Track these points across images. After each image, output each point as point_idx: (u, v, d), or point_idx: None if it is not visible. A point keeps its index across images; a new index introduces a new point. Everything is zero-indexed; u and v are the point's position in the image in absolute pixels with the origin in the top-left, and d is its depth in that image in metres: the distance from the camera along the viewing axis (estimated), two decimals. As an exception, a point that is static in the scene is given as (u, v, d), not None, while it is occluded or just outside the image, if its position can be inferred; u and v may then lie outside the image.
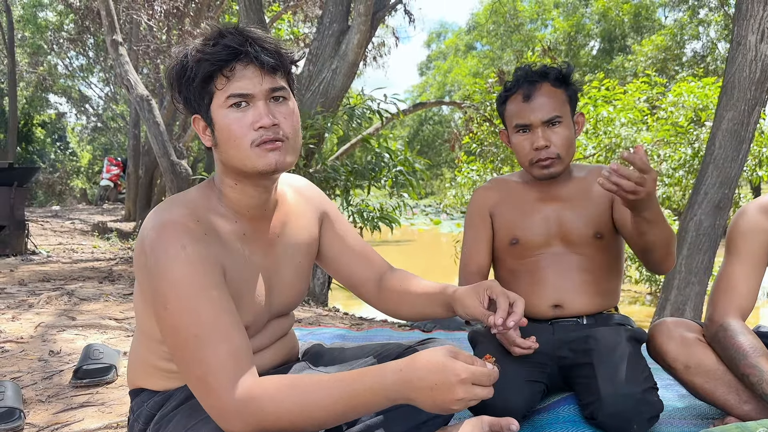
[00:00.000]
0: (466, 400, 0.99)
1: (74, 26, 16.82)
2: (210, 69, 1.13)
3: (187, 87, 1.18)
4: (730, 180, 3.44)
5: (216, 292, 1.09)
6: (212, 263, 1.11)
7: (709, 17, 22.54)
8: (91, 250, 7.61)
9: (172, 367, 1.22)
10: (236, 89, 1.14)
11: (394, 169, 5.08)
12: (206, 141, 1.21)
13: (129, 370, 1.34)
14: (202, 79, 1.14)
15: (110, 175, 18.11)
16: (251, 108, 1.15)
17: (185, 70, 1.16)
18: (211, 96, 1.16)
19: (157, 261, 1.09)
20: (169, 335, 1.09)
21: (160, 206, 1.19)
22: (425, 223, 21.57)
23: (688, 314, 3.48)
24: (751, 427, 1.21)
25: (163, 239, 1.09)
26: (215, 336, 1.06)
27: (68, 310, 3.55)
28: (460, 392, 0.97)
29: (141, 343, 1.29)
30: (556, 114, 1.74)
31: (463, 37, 36.23)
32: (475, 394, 0.98)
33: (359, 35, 5.06)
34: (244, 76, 1.14)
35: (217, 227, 1.18)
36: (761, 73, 3.30)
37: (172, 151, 6.65)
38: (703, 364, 1.54)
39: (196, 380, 1.07)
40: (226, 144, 1.17)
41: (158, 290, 1.09)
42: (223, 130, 1.16)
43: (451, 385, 0.98)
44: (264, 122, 1.14)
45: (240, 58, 1.14)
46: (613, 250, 1.83)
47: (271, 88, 1.16)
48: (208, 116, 1.17)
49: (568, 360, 1.70)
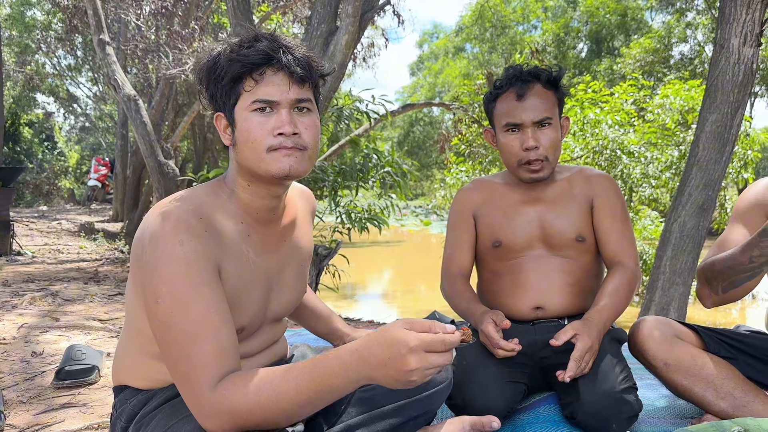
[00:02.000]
0: (422, 369, 0.96)
1: (62, 25, 16.70)
2: (240, 70, 1.15)
3: (215, 84, 1.19)
4: (714, 182, 3.47)
5: (208, 289, 1.09)
6: (208, 261, 1.11)
7: (696, 20, 22.73)
8: (78, 251, 7.56)
9: (158, 366, 1.22)
10: (263, 94, 1.15)
11: (381, 170, 5.08)
12: (225, 140, 1.22)
13: (114, 365, 1.34)
14: (231, 79, 1.16)
15: (98, 175, 18.01)
16: (274, 114, 1.16)
17: (216, 68, 1.17)
18: (238, 97, 1.17)
19: (153, 254, 1.09)
20: (158, 330, 1.09)
21: (166, 199, 1.20)
22: (415, 224, 21.59)
23: (672, 315, 3.50)
24: (726, 426, 1.22)
25: (162, 233, 1.10)
26: (203, 333, 1.06)
27: (52, 311, 3.52)
28: (413, 361, 0.95)
29: (129, 339, 1.28)
30: (547, 115, 1.74)
31: (453, 39, 36.32)
32: (430, 362, 0.96)
33: (347, 36, 5.06)
34: (272, 82, 1.16)
35: (220, 226, 1.18)
36: (744, 76, 3.33)
37: (159, 152, 6.62)
38: (682, 362, 1.56)
39: (180, 376, 1.07)
40: (244, 145, 1.17)
41: (151, 284, 1.09)
42: (243, 131, 1.17)
43: (402, 356, 0.95)
44: (285, 129, 1.15)
45: (271, 63, 1.15)
46: (595, 253, 1.84)
47: (297, 98, 1.17)
48: (232, 116, 1.19)
49: (550, 360, 1.71)
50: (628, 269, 1.75)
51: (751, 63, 3.32)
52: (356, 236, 5.10)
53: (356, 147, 5.44)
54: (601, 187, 1.83)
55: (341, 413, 1.38)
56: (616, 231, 1.79)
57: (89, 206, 17.96)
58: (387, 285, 10.46)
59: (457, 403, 1.63)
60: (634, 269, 1.76)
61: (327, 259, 4.59)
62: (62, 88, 22.85)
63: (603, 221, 1.80)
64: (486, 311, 1.70)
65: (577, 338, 1.56)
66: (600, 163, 7.34)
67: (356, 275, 8.21)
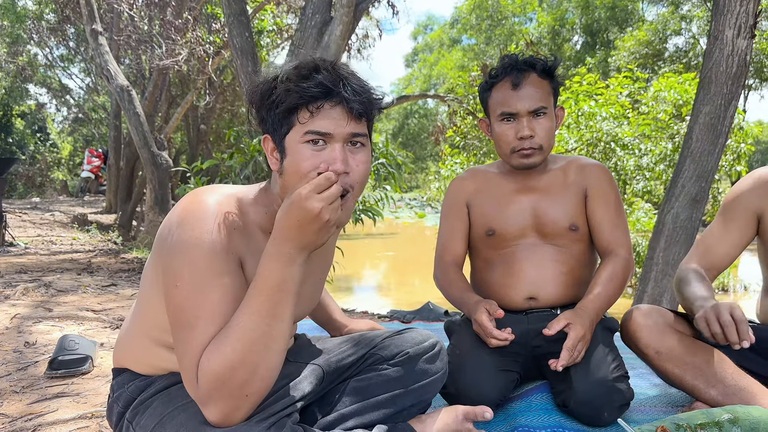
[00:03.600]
0: (326, 207, 1.03)
1: (54, 15, 16.56)
2: (297, 102, 1.11)
3: (267, 110, 1.15)
4: (707, 173, 3.48)
5: (229, 279, 1.09)
6: (233, 253, 1.11)
7: (691, 12, 22.74)
8: (71, 242, 7.53)
9: (161, 353, 1.23)
10: (318, 127, 1.10)
11: (375, 162, 5.07)
12: (273, 164, 1.18)
13: (117, 347, 1.33)
14: (286, 109, 1.12)
15: (91, 166, 17.90)
16: (327, 148, 1.11)
17: (271, 94, 1.13)
18: (290, 126, 1.12)
19: (180, 237, 1.08)
20: (172, 312, 1.09)
21: (203, 188, 1.19)
22: (410, 216, 21.59)
23: (664, 305, 3.51)
24: (715, 414, 1.23)
25: (192, 219, 1.09)
26: (215, 321, 1.06)
27: (45, 302, 3.51)
28: (315, 205, 1.02)
29: (137, 322, 1.28)
30: (542, 105, 1.74)
31: (448, 30, 36.22)
32: (328, 195, 1.03)
33: (342, 26, 5.04)
34: (329, 116, 1.11)
35: (252, 229, 1.18)
36: (738, 68, 3.34)
37: (152, 143, 6.59)
38: (673, 350, 1.57)
39: (187, 361, 1.06)
40: (292, 177, 1.13)
41: (174, 266, 1.08)
42: (293, 163, 1.12)
43: (304, 207, 1.02)
44: (337, 167, 1.10)
45: (331, 97, 1.11)
46: (588, 242, 1.84)
47: (352, 133, 1.13)
48: (282, 144, 1.14)
49: (542, 349, 1.72)
50: (622, 258, 1.75)
51: (744, 55, 3.32)
52: (351, 228, 5.10)
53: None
54: (594, 177, 1.83)
55: (335, 402, 1.39)
56: (609, 220, 1.79)
57: (82, 198, 17.88)
58: (381, 277, 10.48)
59: (451, 392, 1.64)
60: (628, 258, 1.76)
61: (321, 251, 4.59)
62: (55, 79, 22.67)
63: (596, 210, 1.81)
64: (479, 300, 1.71)
65: (569, 327, 1.57)
66: (594, 155, 7.35)
67: (351, 267, 8.22)
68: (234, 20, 5.15)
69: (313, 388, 1.31)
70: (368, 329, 1.69)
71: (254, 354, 1.02)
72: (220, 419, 1.04)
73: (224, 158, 4.66)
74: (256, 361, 1.03)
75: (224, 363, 1.01)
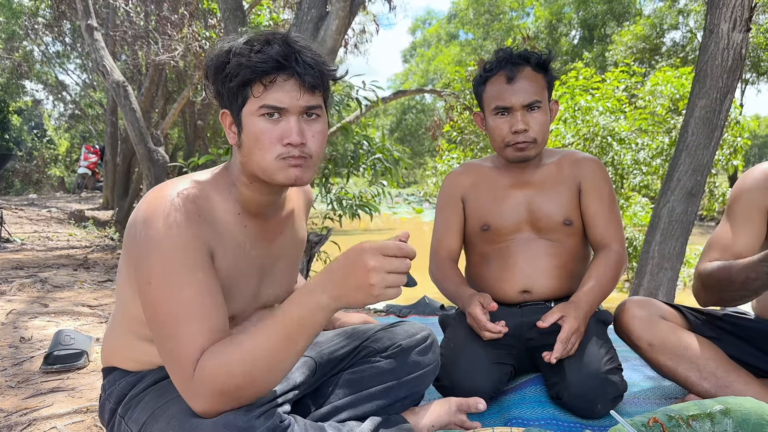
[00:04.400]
0: (381, 270, 0.98)
1: (50, 11, 16.48)
2: (250, 76, 1.12)
3: (222, 84, 1.16)
4: (703, 167, 3.48)
5: (201, 273, 1.09)
6: (202, 246, 1.11)
7: (688, 6, 22.71)
8: (67, 238, 7.52)
9: (148, 349, 1.23)
10: (272, 101, 1.13)
11: (372, 157, 5.07)
12: (231, 138, 1.20)
13: (104, 347, 1.34)
14: (240, 83, 1.13)
15: (88, 162, 17.86)
16: (283, 121, 1.14)
17: (224, 68, 1.14)
18: (245, 100, 1.14)
19: (147, 234, 1.08)
20: (148, 309, 1.09)
21: (165, 184, 1.19)
22: (408, 211, 21.58)
23: (660, 299, 3.53)
24: (708, 405, 1.23)
25: (158, 215, 1.09)
26: (194, 314, 1.06)
27: (41, 297, 3.51)
28: (370, 261, 0.98)
29: (119, 321, 1.28)
30: (536, 98, 1.73)
31: (446, 25, 36.15)
32: (388, 263, 0.98)
33: (338, 21, 5.02)
34: (282, 89, 1.13)
35: (217, 215, 1.18)
36: (733, 62, 3.34)
37: (149, 139, 6.58)
38: (666, 342, 1.58)
39: (168, 356, 1.07)
40: (251, 150, 1.16)
41: (145, 264, 1.08)
42: (251, 136, 1.15)
43: (360, 259, 0.99)
44: (293, 140, 1.13)
45: (283, 71, 1.13)
46: (582, 236, 1.85)
47: (306, 106, 1.15)
48: (238, 117, 1.16)
49: (536, 341, 1.72)
50: (615, 252, 1.76)
51: (740, 48, 3.32)
52: (349, 224, 5.10)
53: (347, 134, 5.41)
54: (588, 171, 1.84)
55: (329, 395, 1.40)
56: (603, 214, 1.80)
57: (79, 194, 17.84)
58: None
59: (445, 385, 1.65)
60: (621, 252, 1.77)
61: (318, 246, 4.59)
62: (51, 75, 22.60)
63: (590, 205, 1.81)
64: (474, 294, 1.71)
65: (563, 320, 1.57)
66: (591, 149, 7.34)
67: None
68: (230, 15, 5.13)
69: (305, 378, 1.31)
70: (361, 322, 1.70)
71: (257, 369, 1.04)
72: (205, 411, 1.06)
73: (221, 153, 4.66)
74: (256, 375, 1.04)
75: (226, 368, 1.03)
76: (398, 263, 0.99)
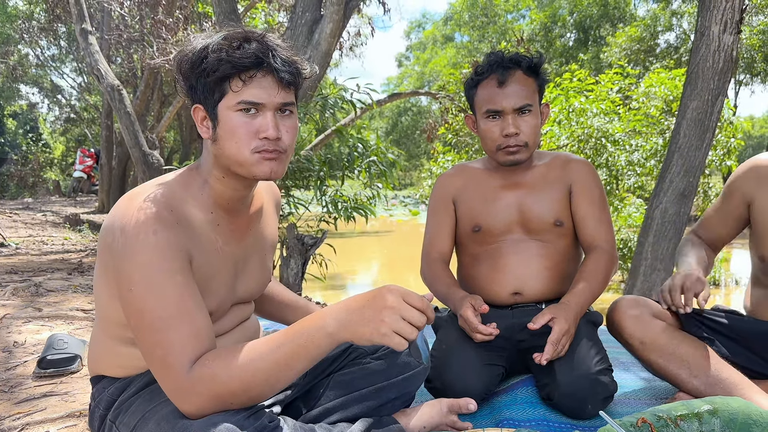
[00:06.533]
0: (396, 312, 1.02)
1: (45, 15, 16.47)
2: (230, 71, 1.14)
3: (197, 78, 1.18)
4: (695, 168, 3.51)
5: (181, 277, 1.10)
6: (180, 251, 1.12)
7: (682, 8, 22.81)
8: (62, 242, 7.50)
9: (132, 353, 1.23)
10: (251, 96, 1.16)
11: (367, 160, 5.07)
12: (203, 132, 1.22)
13: (89, 356, 1.34)
14: (218, 78, 1.15)
15: (83, 166, 17.79)
16: (260, 116, 1.17)
17: (201, 63, 1.16)
18: (222, 94, 1.17)
19: (126, 242, 1.09)
20: (132, 317, 1.10)
21: (136, 190, 1.20)
22: (404, 214, 21.61)
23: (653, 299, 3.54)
24: (696, 405, 1.24)
25: (135, 223, 1.10)
26: (178, 318, 1.07)
27: (34, 302, 3.50)
28: (390, 299, 1.03)
29: (101, 328, 1.29)
30: (527, 102, 1.74)
31: (441, 27, 36.21)
32: (405, 310, 1.02)
33: (332, 24, 5.04)
34: (260, 85, 1.16)
35: (191, 217, 1.19)
36: (724, 63, 3.36)
37: (144, 142, 6.57)
38: (657, 340, 1.60)
39: (157, 361, 1.08)
40: (227, 143, 1.18)
41: (124, 272, 1.09)
42: (227, 130, 1.17)
43: (381, 295, 1.04)
44: (270, 134, 1.16)
45: (261, 67, 1.16)
46: (573, 237, 1.86)
47: (282, 102, 1.19)
48: (214, 111, 1.18)
49: (527, 343, 1.73)
50: (605, 253, 1.77)
51: (731, 50, 3.35)
52: (344, 226, 5.10)
53: (342, 137, 5.42)
54: (579, 173, 1.85)
55: (320, 397, 1.40)
56: (593, 216, 1.81)
57: (75, 198, 17.81)
58: (375, 275, 10.48)
59: (436, 386, 1.65)
60: (611, 253, 1.78)
61: (313, 249, 4.59)
62: (46, 79, 22.56)
63: (581, 206, 1.82)
64: (465, 296, 1.72)
65: (554, 321, 1.58)
66: (585, 151, 7.37)
67: (344, 265, 8.22)
68: (224, 19, 5.14)
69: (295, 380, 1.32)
70: None
71: (255, 379, 1.06)
72: (193, 413, 1.07)
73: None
74: (254, 385, 1.07)
75: (227, 372, 1.05)
76: (416, 314, 1.03)
